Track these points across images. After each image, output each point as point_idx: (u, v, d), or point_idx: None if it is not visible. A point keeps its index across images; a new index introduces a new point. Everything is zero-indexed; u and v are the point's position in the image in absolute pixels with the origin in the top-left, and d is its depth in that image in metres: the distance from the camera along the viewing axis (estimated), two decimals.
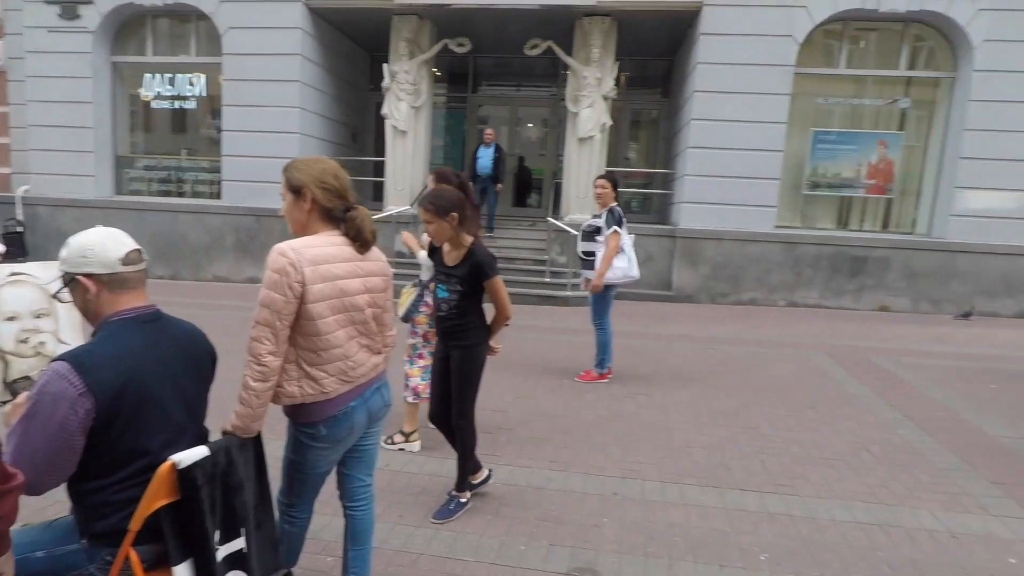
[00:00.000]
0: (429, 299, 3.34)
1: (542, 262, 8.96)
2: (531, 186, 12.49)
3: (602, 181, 4.69)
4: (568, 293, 8.42)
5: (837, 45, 8.85)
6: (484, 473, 3.05)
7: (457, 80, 12.13)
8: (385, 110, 9.50)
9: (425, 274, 3.40)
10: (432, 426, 3.03)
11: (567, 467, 3.40)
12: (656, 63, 11.41)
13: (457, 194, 2.63)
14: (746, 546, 2.65)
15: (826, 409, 4.48)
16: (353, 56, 11.41)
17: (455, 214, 2.57)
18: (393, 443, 3.54)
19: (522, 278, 8.76)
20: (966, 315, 8.35)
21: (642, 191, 11.69)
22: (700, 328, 7.28)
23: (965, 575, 2.49)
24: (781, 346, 6.44)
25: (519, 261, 9.20)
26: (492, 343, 2.89)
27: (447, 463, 3.17)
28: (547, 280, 8.70)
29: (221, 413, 1.77)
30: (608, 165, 10.52)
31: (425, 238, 3.20)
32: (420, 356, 3.50)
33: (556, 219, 8.99)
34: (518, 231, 10.12)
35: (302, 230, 1.80)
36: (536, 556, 2.53)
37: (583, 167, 8.96)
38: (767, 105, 8.47)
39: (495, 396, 4.53)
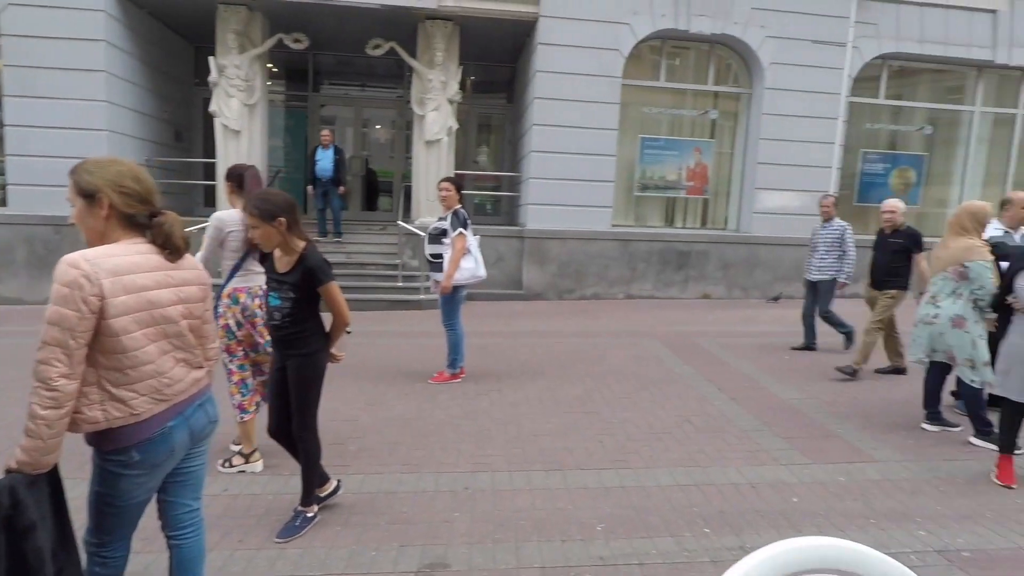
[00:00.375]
0: (222, 308, 3.17)
1: (394, 266, 8.86)
2: (380, 189, 12.27)
3: (446, 184, 4.76)
4: (421, 297, 8.42)
5: (658, 60, 9.80)
6: (332, 484, 2.97)
7: (296, 77, 11.55)
8: (213, 107, 8.78)
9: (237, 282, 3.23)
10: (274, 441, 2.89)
11: (419, 468, 3.42)
12: (501, 69, 11.79)
13: (285, 197, 2.54)
14: (585, 520, 2.87)
15: (656, 389, 4.96)
16: (174, 47, 10.39)
17: (283, 218, 2.48)
18: (232, 466, 3.31)
19: (374, 284, 8.60)
20: (776, 299, 9.68)
21: (492, 194, 12.01)
22: (548, 324, 7.66)
23: (759, 517, 2.92)
24: (620, 335, 6.99)
25: (370, 266, 9.01)
26: (333, 350, 2.82)
27: (293, 480, 3.04)
28: (400, 285, 8.62)
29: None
30: (457, 168, 10.68)
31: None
32: (231, 372, 3.29)
33: (407, 222, 8.94)
34: (368, 236, 9.89)
35: (99, 239, 1.64)
36: (387, 560, 2.53)
37: (432, 170, 9.01)
38: (600, 113, 9.13)
39: (345, 405, 4.42)
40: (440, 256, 4.73)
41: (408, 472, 3.37)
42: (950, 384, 4.25)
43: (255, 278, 3.24)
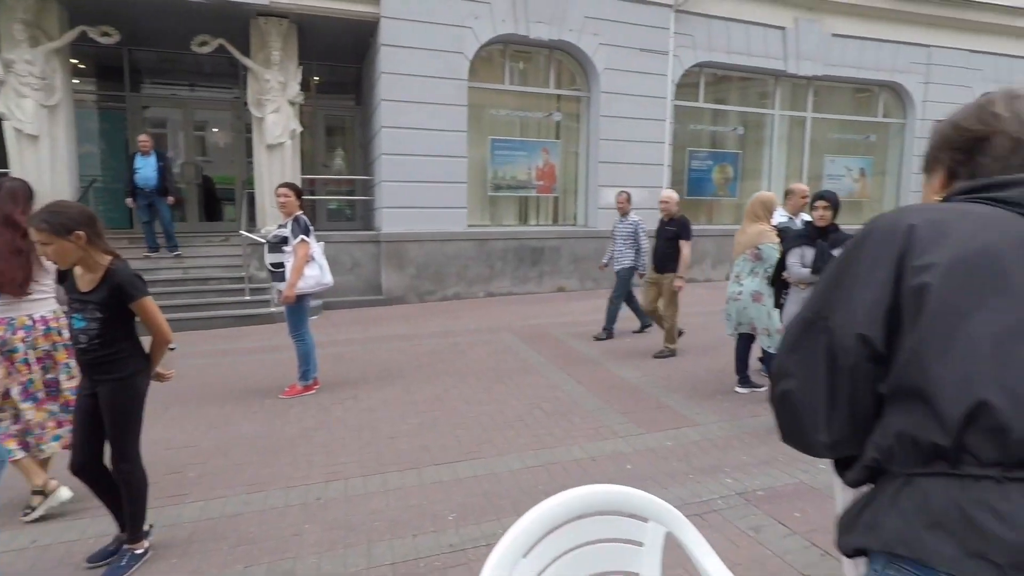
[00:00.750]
0: None
1: (240, 279, 8.31)
2: (221, 197, 11.42)
3: (284, 190, 4.59)
4: (273, 309, 7.99)
5: (503, 64, 10.13)
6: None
7: (109, 76, 10.38)
8: (2, 108, 7.64)
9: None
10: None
11: (267, 486, 3.29)
12: (347, 69, 11.49)
13: (80, 208, 2.32)
14: (438, 512, 2.95)
15: (511, 381, 5.17)
16: None
17: (81, 232, 2.27)
18: (33, 509, 2.95)
19: (218, 299, 8.01)
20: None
21: (346, 198, 11.69)
22: (409, 327, 7.65)
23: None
24: (479, 333, 7.17)
25: (213, 281, 8.37)
26: (159, 369, 2.63)
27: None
28: (247, 298, 8.12)
29: None
30: (306, 172, 10.28)
31: None
32: None
33: (251, 232, 8.43)
34: (210, 248, 9.19)
35: None
36: None
37: (276, 175, 8.57)
38: (448, 115, 9.25)
39: (182, 431, 4.11)
40: (282, 265, 4.55)
41: (255, 492, 3.23)
42: (758, 351, 4.90)
43: (23, 307, 2.91)
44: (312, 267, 4.61)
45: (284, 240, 4.58)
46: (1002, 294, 0.76)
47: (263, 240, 7.94)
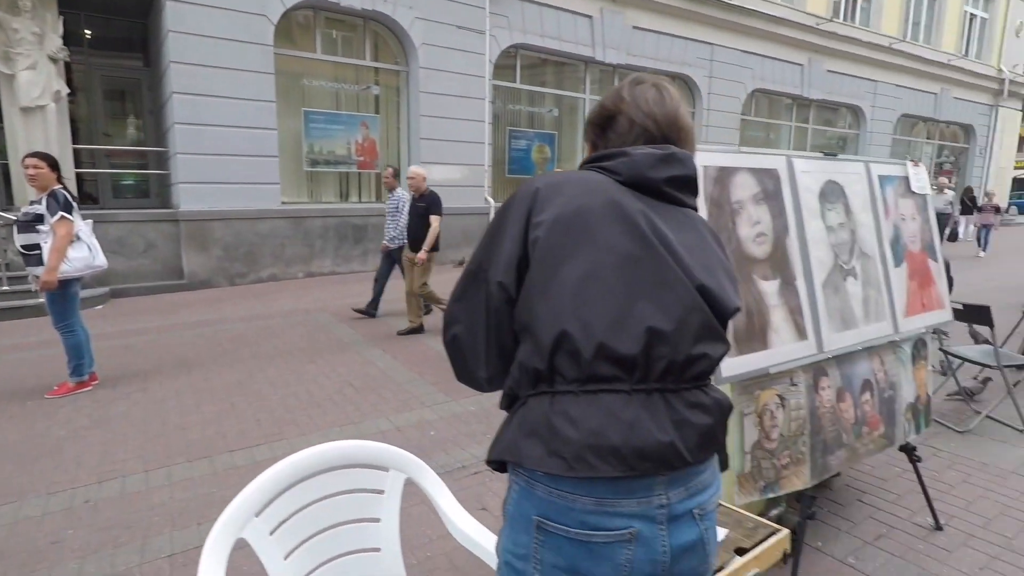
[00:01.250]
0: None
1: None
2: None
3: (33, 160, 3.97)
4: (42, 300, 6.89)
5: (313, 31, 9.60)
6: None
7: None
8: None
9: None
10: None
11: (22, 495, 2.91)
12: (130, 24, 10.07)
13: None
14: (229, 497, 2.81)
15: (323, 360, 5.07)
16: None
17: None
18: None
19: None
20: (461, 263, 10.59)
21: (136, 172, 10.35)
22: (215, 312, 7.09)
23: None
24: (294, 314, 6.88)
25: None
26: None
27: None
28: (6, 288, 6.91)
29: None
30: (81, 142, 8.97)
31: None
32: None
33: (7, 211, 7.15)
34: None
35: None
36: None
37: (35, 144, 7.27)
38: (253, 82, 8.59)
39: None
40: (36, 247, 3.95)
41: (6, 504, 2.84)
42: None
43: None
44: (78, 247, 4.07)
45: (39, 218, 3.98)
46: (587, 245, 0.95)
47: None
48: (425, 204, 5.78)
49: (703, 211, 1.84)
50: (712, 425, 0.95)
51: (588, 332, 0.92)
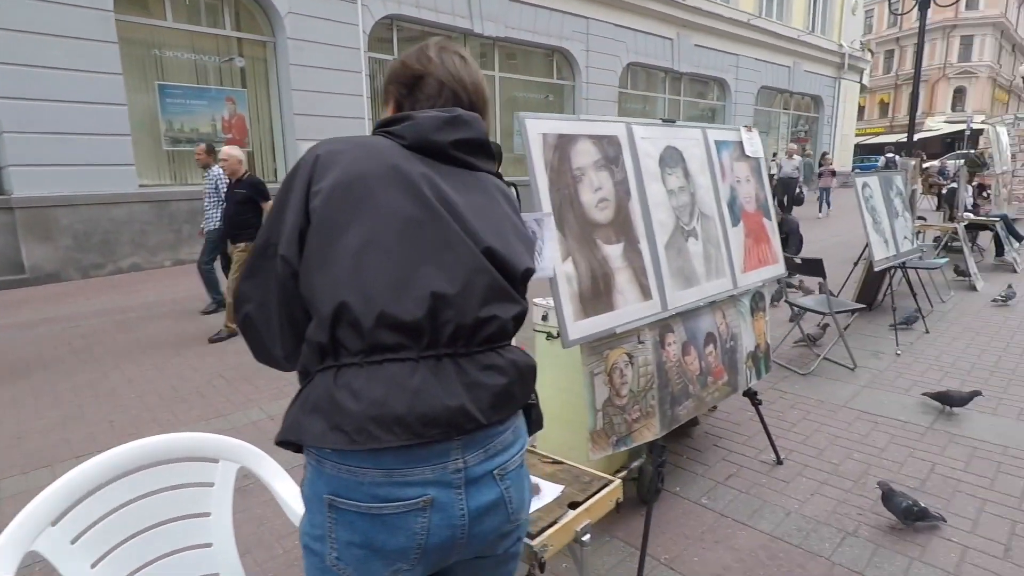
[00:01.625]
0: None
1: None
2: None
3: None
4: None
5: None
6: None
7: None
8: None
9: None
10: None
11: None
12: None
13: None
14: None
15: (191, 353, 4.73)
16: None
17: None
18: None
19: None
20: None
21: None
22: (64, 307, 6.38)
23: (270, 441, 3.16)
24: (158, 306, 6.34)
25: None
26: None
27: None
28: None
29: None
30: None
31: None
32: None
33: None
34: None
35: None
36: None
37: None
38: (92, 52, 7.67)
39: None
40: None
41: None
42: None
43: None
44: None
45: None
46: (367, 212, 0.92)
47: None
48: (245, 191, 5.09)
49: (542, 178, 1.87)
50: (507, 385, 0.96)
51: (368, 301, 0.89)
